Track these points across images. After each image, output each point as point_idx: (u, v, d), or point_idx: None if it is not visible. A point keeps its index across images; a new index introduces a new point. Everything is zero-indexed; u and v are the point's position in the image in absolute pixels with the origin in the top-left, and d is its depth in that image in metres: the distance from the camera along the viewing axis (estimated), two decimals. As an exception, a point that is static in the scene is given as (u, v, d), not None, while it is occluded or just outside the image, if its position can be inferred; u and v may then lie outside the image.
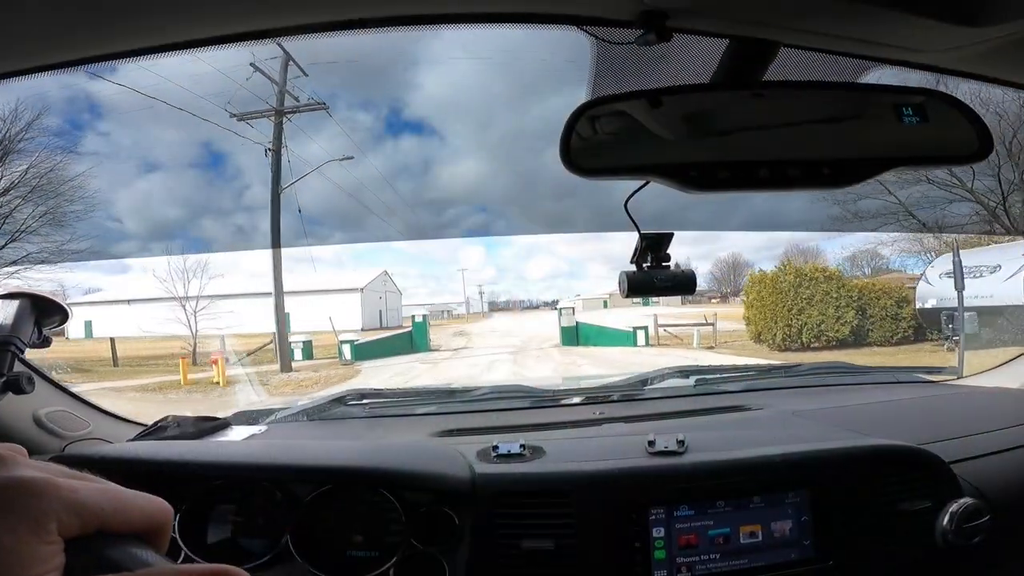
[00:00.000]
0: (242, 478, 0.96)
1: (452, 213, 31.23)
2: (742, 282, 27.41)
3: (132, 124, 15.61)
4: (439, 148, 29.52)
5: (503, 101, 29.67)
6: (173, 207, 20.47)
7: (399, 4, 0.69)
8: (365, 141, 22.12)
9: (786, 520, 0.92)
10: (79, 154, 10.94)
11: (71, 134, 17.46)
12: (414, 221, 20.59)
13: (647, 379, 1.56)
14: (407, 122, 27.87)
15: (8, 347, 0.89)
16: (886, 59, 0.80)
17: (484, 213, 32.08)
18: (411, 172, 25.66)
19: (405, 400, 1.51)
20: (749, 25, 0.69)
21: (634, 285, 0.86)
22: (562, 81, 13.52)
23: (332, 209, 19.19)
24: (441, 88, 28.84)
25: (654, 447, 0.99)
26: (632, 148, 0.65)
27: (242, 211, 21.30)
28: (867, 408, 1.35)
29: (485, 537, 0.91)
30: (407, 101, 26.68)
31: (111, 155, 15.88)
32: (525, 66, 19.71)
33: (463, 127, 30.71)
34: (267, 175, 11.67)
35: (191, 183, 19.82)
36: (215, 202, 20.50)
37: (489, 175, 32.73)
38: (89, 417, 1.18)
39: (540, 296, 44.84)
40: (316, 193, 15.75)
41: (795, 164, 0.61)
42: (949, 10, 0.66)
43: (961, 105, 0.70)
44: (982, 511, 0.94)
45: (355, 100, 24.21)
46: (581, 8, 0.69)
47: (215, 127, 11.48)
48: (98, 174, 10.89)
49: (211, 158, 20.51)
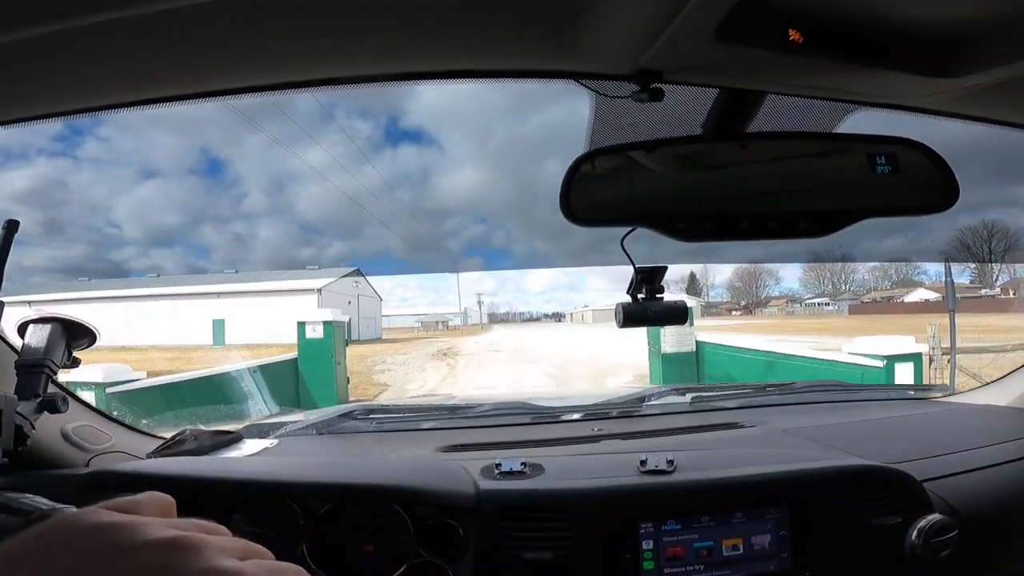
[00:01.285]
0: (262, 493, 1.02)
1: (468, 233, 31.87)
2: (764, 294, 26.07)
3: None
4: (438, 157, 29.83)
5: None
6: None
7: (404, 61, 0.75)
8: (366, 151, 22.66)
9: (765, 534, 0.99)
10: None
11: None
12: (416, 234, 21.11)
13: (645, 396, 1.61)
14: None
15: (43, 369, 0.94)
16: (866, 103, 0.86)
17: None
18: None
19: (411, 415, 1.56)
20: (734, 78, 0.75)
21: (629, 316, 0.91)
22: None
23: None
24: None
25: (645, 466, 1.04)
26: (626, 198, 0.71)
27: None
28: (855, 426, 1.40)
29: (488, 548, 0.96)
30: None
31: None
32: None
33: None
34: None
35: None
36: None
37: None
38: (111, 431, 1.24)
39: (540, 308, 45.04)
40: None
41: (775, 216, 0.67)
42: (922, 64, 0.72)
43: (932, 154, 0.76)
44: (950, 527, 1.01)
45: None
46: (580, 65, 0.75)
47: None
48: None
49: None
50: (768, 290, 43.52)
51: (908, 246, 9.86)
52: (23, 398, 0.90)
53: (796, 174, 0.72)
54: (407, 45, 0.69)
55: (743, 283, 26.59)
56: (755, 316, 19.90)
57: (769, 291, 44.08)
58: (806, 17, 0.63)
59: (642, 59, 0.67)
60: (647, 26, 0.62)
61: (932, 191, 0.72)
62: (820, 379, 1.63)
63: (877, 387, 1.71)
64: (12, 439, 0.83)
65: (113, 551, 0.28)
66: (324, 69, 0.76)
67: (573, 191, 0.71)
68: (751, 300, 26.25)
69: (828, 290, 55.07)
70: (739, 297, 27.94)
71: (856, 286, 56.05)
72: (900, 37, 0.69)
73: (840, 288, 56.11)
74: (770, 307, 26.77)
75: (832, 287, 56.08)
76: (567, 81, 0.78)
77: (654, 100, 0.69)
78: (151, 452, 1.25)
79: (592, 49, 0.69)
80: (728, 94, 0.78)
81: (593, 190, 0.72)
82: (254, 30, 0.63)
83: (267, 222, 50.48)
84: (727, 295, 26.02)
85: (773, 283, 50.61)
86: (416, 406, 1.65)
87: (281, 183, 62.15)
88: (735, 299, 26.89)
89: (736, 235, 0.67)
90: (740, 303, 26.58)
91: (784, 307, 34.41)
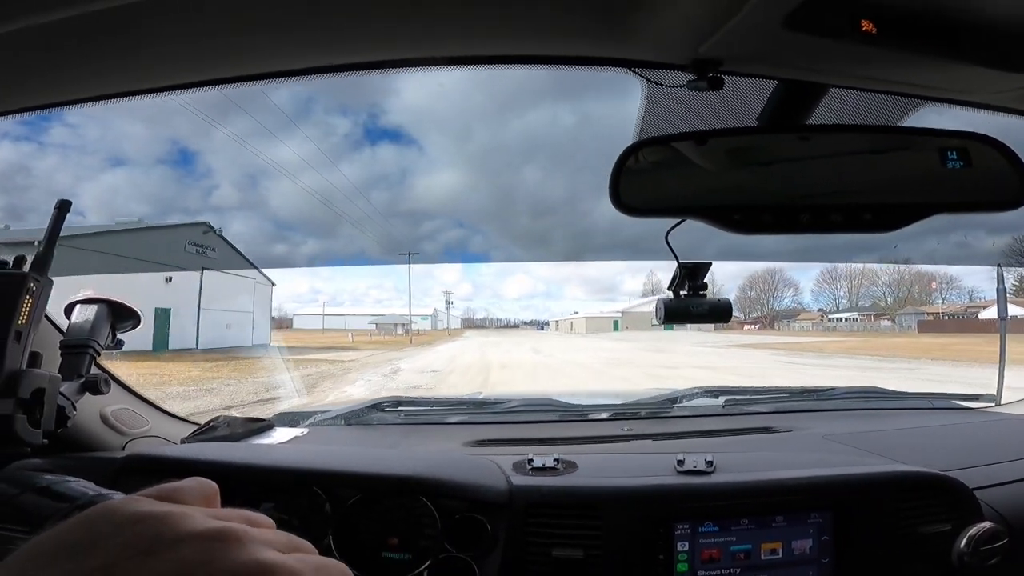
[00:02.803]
0: (291, 482, 1.02)
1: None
2: (780, 304, 21.89)
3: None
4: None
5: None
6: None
7: (452, 44, 0.73)
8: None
9: (806, 539, 0.96)
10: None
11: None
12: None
13: (676, 397, 1.58)
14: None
15: (87, 350, 0.95)
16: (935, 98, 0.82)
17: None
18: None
19: (439, 409, 1.56)
20: (799, 69, 0.72)
21: (671, 312, 0.89)
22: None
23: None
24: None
25: (683, 466, 1.02)
26: (678, 188, 0.69)
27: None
28: (897, 433, 1.35)
29: (517, 544, 0.95)
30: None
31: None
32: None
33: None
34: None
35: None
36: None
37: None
38: (149, 415, 1.27)
39: (518, 315, 43.10)
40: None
41: (838, 209, 0.64)
42: (996, 58, 0.68)
43: (1005, 149, 0.72)
44: (1000, 535, 0.97)
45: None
46: (634, 52, 0.72)
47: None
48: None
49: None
50: (779, 300, 39.17)
51: (959, 251, 9.34)
52: (66, 378, 0.91)
53: (861, 168, 0.69)
54: (449, 28, 0.68)
55: (757, 293, 23.52)
56: (777, 331, 17.38)
57: (780, 301, 39.75)
58: (881, 7, 0.60)
59: (702, 48, 0.65)
60: (711, 14, 0.60)
61: (1005, 187, 0.68)
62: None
63: (919, 395, 1.65)
64: (53, 419, 0.83)
65: (155, 543, 0.27)
66: (360, 53, 0.74)
67: (623, 181, 0.69)
68: (767, 312, 23.63)
69: (880, 303, 50.13)
70: (751, 308, 25.51)
71: (898, 298, 51.99)
72: (974, 30, 0.65)
73: (887, 301, 51.89)
74: (800, 321, 22.59)
75: (887, 299, 51.39)
76: (619, 69, 0.76)
77: (713, 89, 0.67)
78: (186, 437, 1.27)
79: (649, 37, 0.66)
80: (789, 85, 0.75)
81: (644, 180, 0.70)
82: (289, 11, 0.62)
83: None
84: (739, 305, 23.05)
85: (792, 293, 46.24)
86: (445, 400, 1.65)
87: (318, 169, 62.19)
88: (745, 309, 24.37)
89: (796, 228, 0.64)
90: (749, 314, 23.84)
91: (820, 321, 28.06)
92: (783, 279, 21.54)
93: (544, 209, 32.64)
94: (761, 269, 26.38)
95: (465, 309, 40.97)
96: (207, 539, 0.28)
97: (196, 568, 0.26)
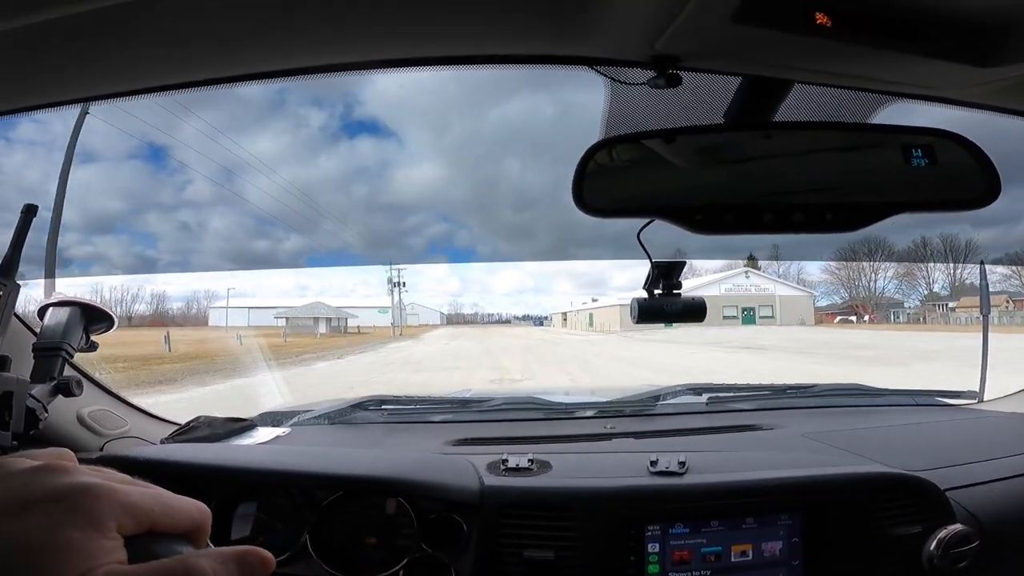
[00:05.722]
0: (267, 482, 1.02)
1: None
2: (881, 288, 15.94)
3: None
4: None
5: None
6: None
7: (412, 46, 0.73)
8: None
9: (776, 541, 0.96)
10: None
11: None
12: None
13: (660, 395, 1.58)
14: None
15: (59, 352, 0.95)
16: (901, 94, 0.81)
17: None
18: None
19: (422, 407, 1.56)
20: (758, 64, 0.71)
21: (644, 311, 0.88)
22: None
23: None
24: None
25: (656, 467, 1.02)
26: (641, 188, 0.68)
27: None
28: (878, 431, 1.35)
29: (490, 544, 0.95)
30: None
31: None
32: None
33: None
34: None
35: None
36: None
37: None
38: (127, 416, 1.26)
39: (510, 310, 40.61)
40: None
41: (800, 208, 0.63)
42: (959, 52, 0.67)
43: (972, 146, 0.71)
44: (971, 537, 0.97)
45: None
46: (594, 49, 0.72)
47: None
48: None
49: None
50: (884, 283, 25.66)
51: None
52: (38, 381, 0.91)
53: (824, 166, 0.68)
54: (412, 29, 0.67)
55: (850, 274, 17.48)
56: (876, 325, 12.57)
57: (884, 284, 26.40)
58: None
59: (658, 43, 0.64)
60: (664, 9, 0.59)
61: (972, 185, 0.68)
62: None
63: (903, 392, 1.64)
64: (23, 422, 0.83)
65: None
66: (324, 56, 0.74)
67: (587, 181, 0.68)
68: (861, 300, 17.12)
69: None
70: (832, 292, 18.92)
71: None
72: (936, 23, 0.64)
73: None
74: (962, 310, 16.04)
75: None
76: (580, 68, 0.75)
77: (671, 86, 0.66)
78: (165, 438, 1.26)
79: (606, 33, 0.66)
80: (751, 81, 0.74)
81: (608, 180, 0.69)
82: (263, 16, 0.62)
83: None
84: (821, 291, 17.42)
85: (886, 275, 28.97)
86: (428, 398, 1.64)
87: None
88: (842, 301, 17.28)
89: (758, 228, 0.63)
90: (852, 304, 17.53)
91: (1005, 307, 17.67)
92: (885, 243, 15.70)
93: (526, 202, 32.60)
94: (857, 239, 19.65)
95: (451, 303, 39.39)
96: (32, 471, 0.30)
97: (18, 492, 0.29)
